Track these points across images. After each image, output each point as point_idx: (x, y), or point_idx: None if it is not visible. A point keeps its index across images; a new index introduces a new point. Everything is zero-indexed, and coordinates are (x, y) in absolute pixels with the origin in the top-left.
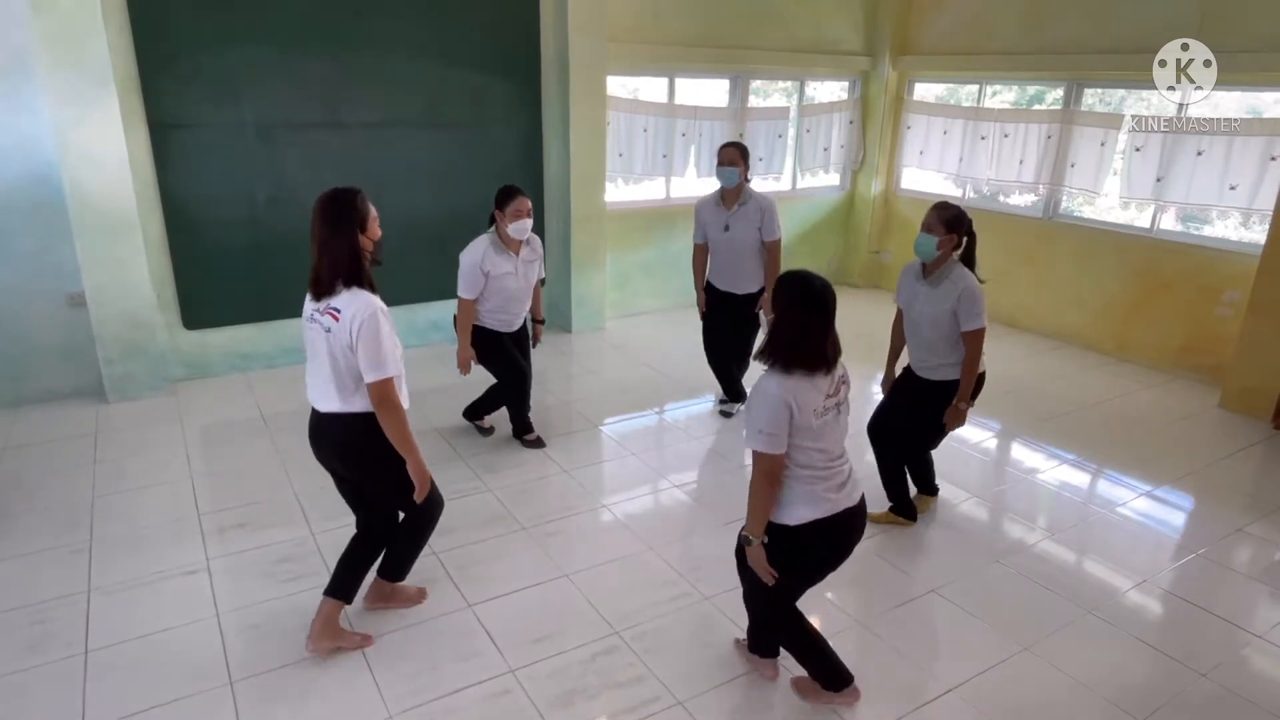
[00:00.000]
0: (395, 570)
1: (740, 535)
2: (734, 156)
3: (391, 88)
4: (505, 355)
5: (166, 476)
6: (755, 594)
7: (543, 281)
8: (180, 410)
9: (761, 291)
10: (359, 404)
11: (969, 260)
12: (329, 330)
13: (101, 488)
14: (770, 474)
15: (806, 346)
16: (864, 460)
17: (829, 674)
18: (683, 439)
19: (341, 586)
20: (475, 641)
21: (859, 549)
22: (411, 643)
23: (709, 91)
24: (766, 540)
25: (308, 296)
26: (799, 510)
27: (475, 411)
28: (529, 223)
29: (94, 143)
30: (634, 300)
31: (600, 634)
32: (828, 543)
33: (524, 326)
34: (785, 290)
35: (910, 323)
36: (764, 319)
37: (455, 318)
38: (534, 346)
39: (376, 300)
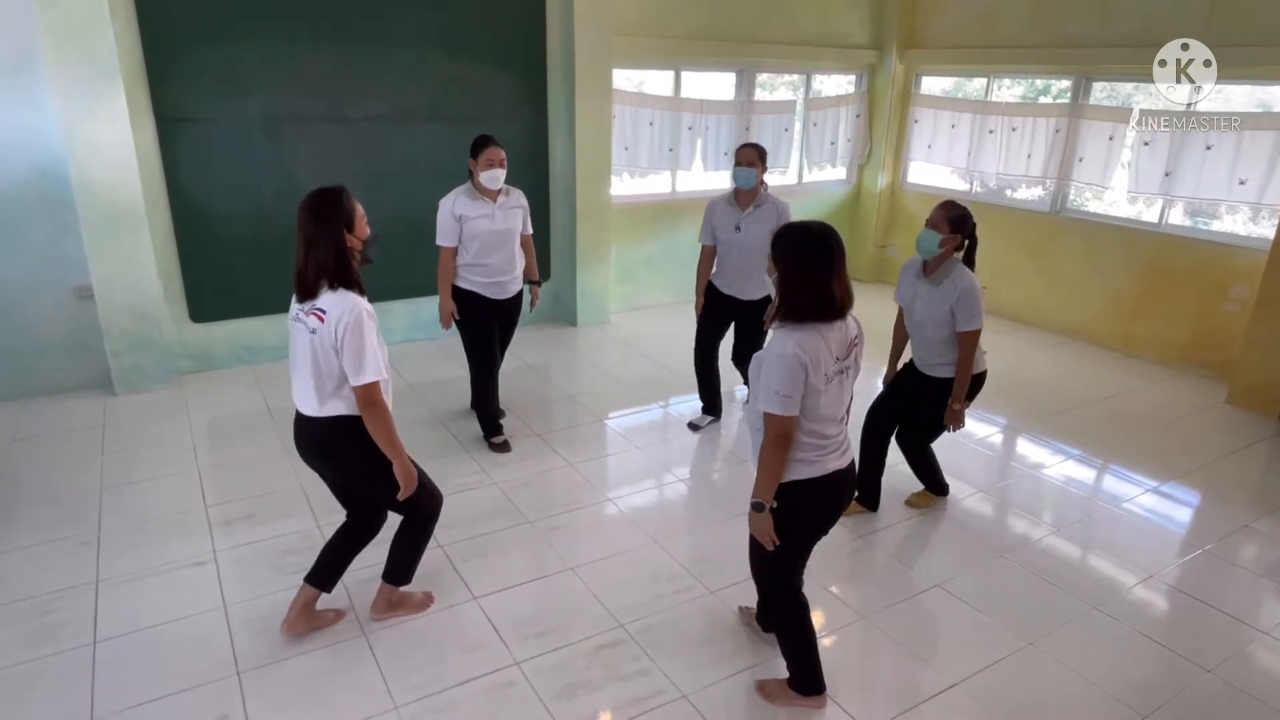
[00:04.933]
0: (399, 573)
1: (752, 502)
2: (752, 158)
3: (397, 82)
4: (482, 333)
5: (174, 469)
6: (760, 567)
7: (532, 237)
8: (187, 403)
9: (767, 301)
10: (337, 407)
11: (969, 263)
12: (314, 331)
13: (109, 479)
14: (784, 437)
15: (813, 293)
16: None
17: (808, 674)
18: (687, 433)
19: (321, 575)
20: (480, 634)
21: (863, 545)
22: (417, 635)
23: (715, 85)
24: (776, 505)
25: (294, 297)
26: (791, 469)
27: (488, 424)
28: (501, 172)
29: (101, 136)
30: (639, 294)
31: (605, 627)
32: (814, 503)
33: (518, 299)
34: (784, 241)
35: (913, 323)
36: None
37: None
38: (531, 309)
39: (363, 302)
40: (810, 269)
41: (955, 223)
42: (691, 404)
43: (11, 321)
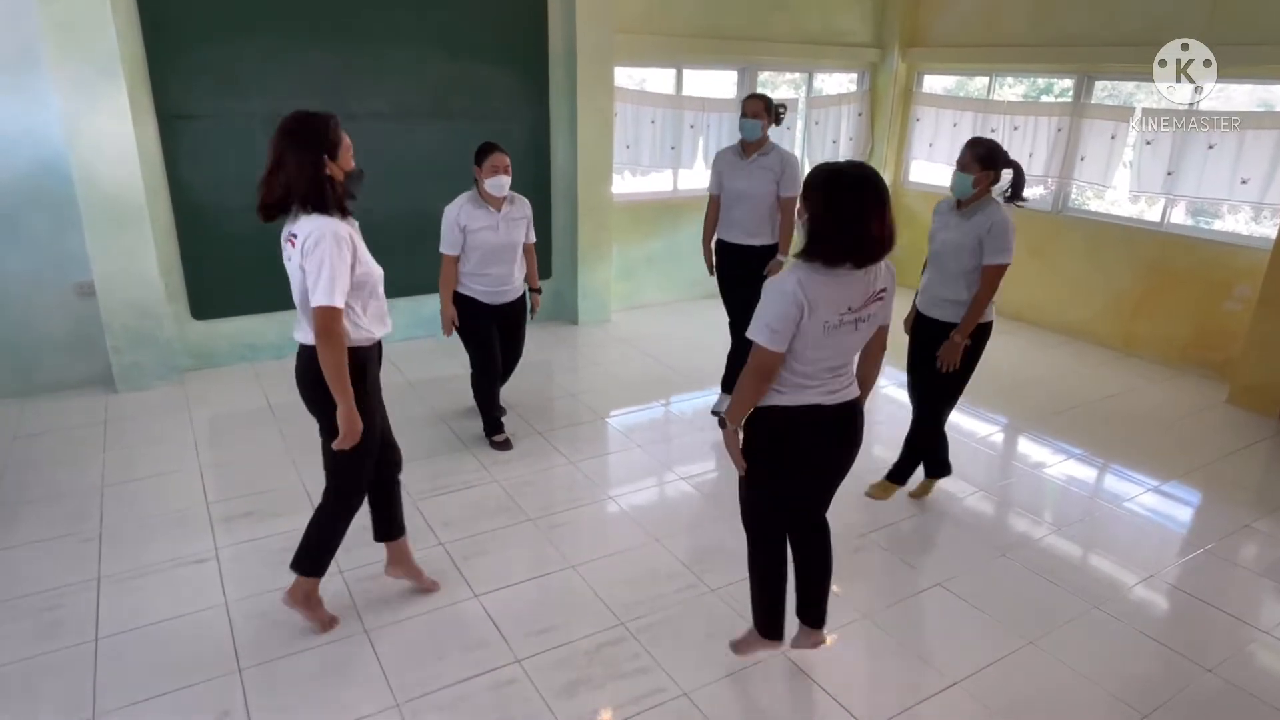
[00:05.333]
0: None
1: (721, 415)
2: (758, 109)
3: (398, 79)
4: (483, 337)
5: (175, 466)
6: (741, 504)
7: (535, 245)
8: (188, 400)
9: (773, 249)
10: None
11: (1018, 190)
12: (289, 259)
13: (111, 477)
14: (764, 368)
15: (835, 238)
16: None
17: (769, 616)
18: (689, 431)
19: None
20: (481, 631)
21: (864, 544)
22: (418, 632)
23: (717, 83)
24: (740, 431)
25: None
26: (767, 396)
27: (490, 422)
28: (506, 179)
29: (102, 133)
30: (640, 292)
31: (606, 625)
32: (783, 432)
33: (520, 303)
34: (812, 180)
35: (932, 253)
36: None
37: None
38: (531, 317)
39: (335, 222)
40: (834, 212)
41: (984, 159)
42: (692, 402)
43: (13, 317)
